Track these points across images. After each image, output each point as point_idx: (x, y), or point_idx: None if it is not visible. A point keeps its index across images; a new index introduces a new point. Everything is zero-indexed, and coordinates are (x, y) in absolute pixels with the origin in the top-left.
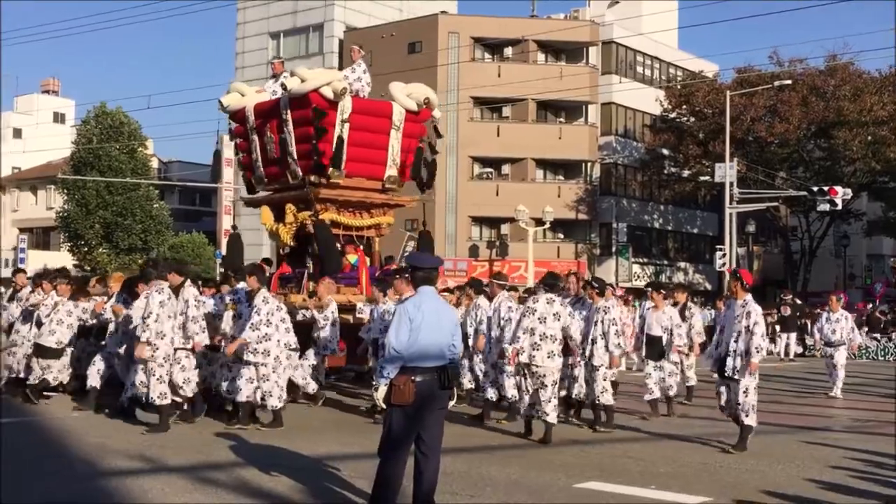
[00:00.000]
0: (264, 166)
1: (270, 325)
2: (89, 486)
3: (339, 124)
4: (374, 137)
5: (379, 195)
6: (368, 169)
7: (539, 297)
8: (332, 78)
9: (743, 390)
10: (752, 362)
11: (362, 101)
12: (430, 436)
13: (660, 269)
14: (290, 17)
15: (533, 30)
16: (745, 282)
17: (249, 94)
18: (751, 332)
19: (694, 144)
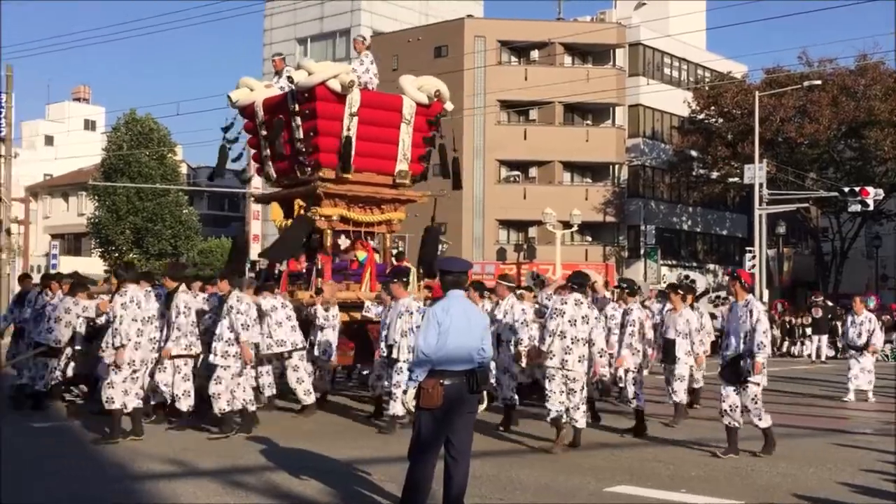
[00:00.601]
0: (273, 162)
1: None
2: (121, 488)
3: (348, 118)
4: (384, 132)
5: (389, 190)
6: (378, 164)
7: (567, 299)
8: (340, 70)
9: (752, 396)
10: (757, 362)
11: (371, 95)
12: (459, 440)
13: (689, 271)
14: (316, 22)
15: (559, 32)
16: (745, 282)
17: (258, 88)
18: (753, 329)
19: (722, 146)
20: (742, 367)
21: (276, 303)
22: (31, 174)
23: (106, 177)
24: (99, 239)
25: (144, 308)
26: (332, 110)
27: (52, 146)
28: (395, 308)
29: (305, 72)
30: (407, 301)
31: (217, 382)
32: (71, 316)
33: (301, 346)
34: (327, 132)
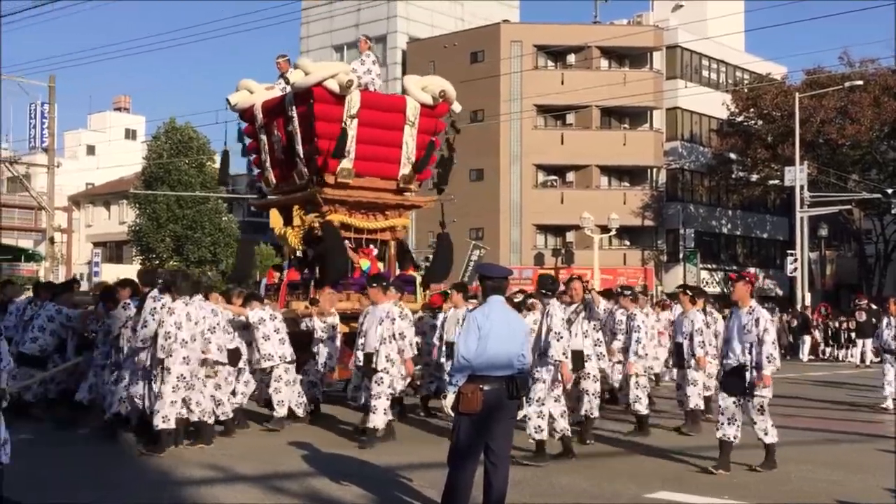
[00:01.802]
0: (272, 167)
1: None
2: (163, 494)
3: (347, 120)
4: (387, 134)
5: (393, 196)
6: (381, 168)
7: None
8: (338, 70)
9: (758, 408)
10: (765, 375)
11: (372, 95)
12: (498, 446)
13: (729, 274)
14: (352, 29)
15: (596, 36)
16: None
17: (258, 91)
18: (761, 340)
19: (762, 148)
20: (746, 378)
21: (263, 314)
22: (74, 183)
23: (146, 185)
24: (140, 246)
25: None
26: (330, 112)
27: (94, 155)
28: (373, 314)
29: (302, 72)
30: (387, 306)
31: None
32: (55, 324)
33: (290, 359)
34: (325, 135)
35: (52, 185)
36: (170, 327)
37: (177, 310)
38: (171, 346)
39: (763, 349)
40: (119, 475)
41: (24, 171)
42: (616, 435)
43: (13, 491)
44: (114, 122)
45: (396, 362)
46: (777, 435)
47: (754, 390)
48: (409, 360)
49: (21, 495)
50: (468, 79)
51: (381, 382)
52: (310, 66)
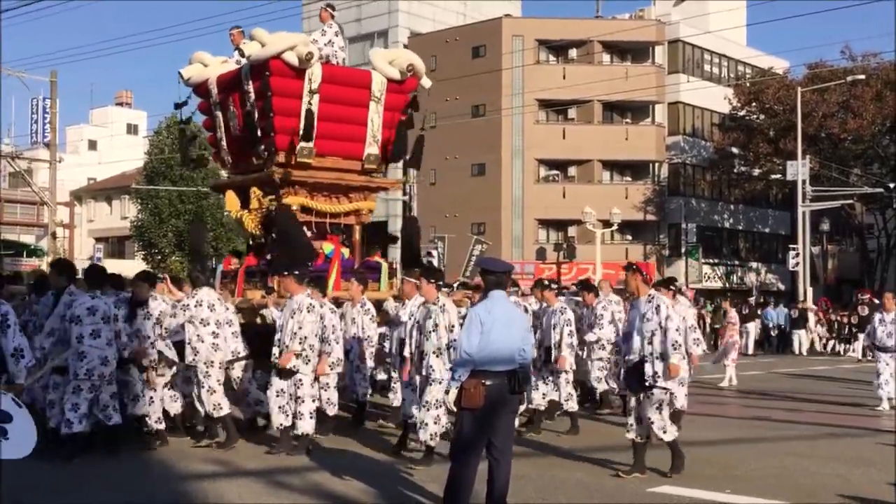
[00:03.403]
0: (228, 146)
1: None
2: (167, 488)
3: (308, 95)
4: (351, 111)
5: (358, 177)
6: (345, 147)
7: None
8: (297, 41)
9: (656, 405)
10: (672, 364)
11: (335, 69)
12: (500, 440)
13: (731, 269)
14: (354, 24)
15: (598, 30)
16: (646, 275)
17: (213, 64)
18: (664, 328)
19: (764, 142)
20: (646, 371)
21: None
22: (76, 178)
23: (148, 180)
24: (142, 242)
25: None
26: (288, 86)
27: (96, 150)
28: (288, 306)
29: (258, 43)
30: (300, 298)
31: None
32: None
33: (242, 354)
34: (284, 111)
35: (53, 181)
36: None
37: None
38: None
39: (668, 337)
40: (120, 470)
41: (25, 166)
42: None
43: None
44: (115, 117)
45: (311, 360)
46: (677, 431)
47: (655, 383)
48: (324, 359)
49: (22, 494)
50: (470, 73)
51: (300, 385)
52: (266, 37)
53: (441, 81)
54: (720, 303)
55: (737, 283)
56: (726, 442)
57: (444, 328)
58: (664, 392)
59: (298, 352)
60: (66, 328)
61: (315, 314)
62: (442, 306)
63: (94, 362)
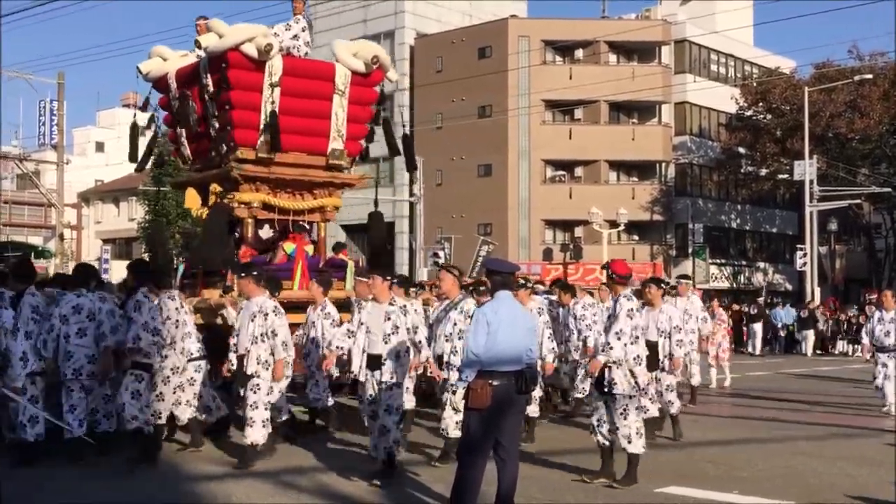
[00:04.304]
0: (188, 142)
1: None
2: (174, 489)
3: (268, 89)
4: (314, 104)
5: (322, 173)
6: (307, 142)
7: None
8: (256, 33)
9: (620, 411)
10: (595, 361)
11: (296, 62)
12: (507, 441)
13: (738, 269)
14: (360, 25)
15: (604, 31)
16: (619, 274)
17: (173, 58)
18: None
19: (771, 142)
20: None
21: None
22: (83, 180)
23: (155, 182)
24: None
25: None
26: (247, 79)
27: (103, 152)
28: (247, 308)
29: (216, 35)
30: (260, 300)
31: None
32: None
33: (196, 355)
34: (243, 105)
35: (61, 182)
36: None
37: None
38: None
39: (606, 335)
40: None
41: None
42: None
43: (18, 490)
44: (122, 118)
45: (271, 365)
46: (644, 447)
47: (612, 389)
48: (280, 363)
49: (28, 495)
50: (476, 74)
51: (256, 390)
52: (224, 29)
53: (447, 82)
54: (726, 303)
55: (744, 284)
56: (733, 442)
57: (406, 330)
58: (628, 397)
59: (286, 358)
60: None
61: (283, 315)
62: (402, 307)
63: (81, 361)
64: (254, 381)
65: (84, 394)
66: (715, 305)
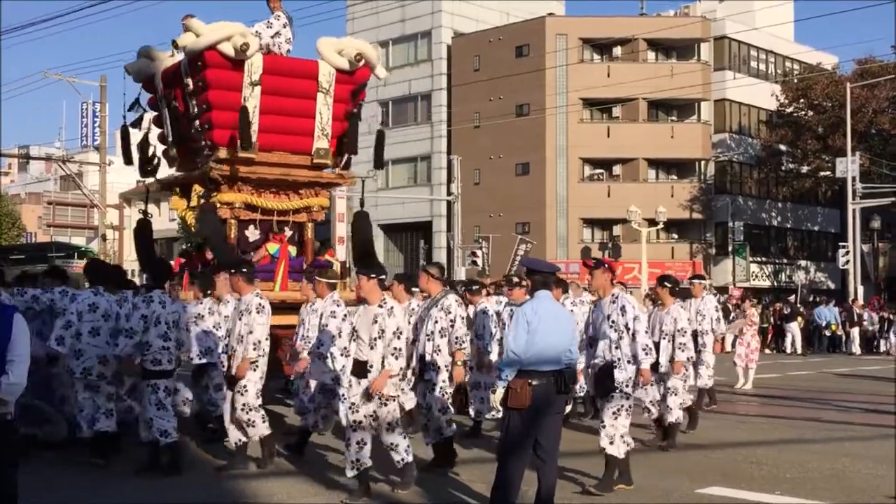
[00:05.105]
0: (175, 143)
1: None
2: (216, 487)
3: (248, 88)
4: (297, 103)
5: (307, 172)
6: (291, 141)
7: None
8: (234, 31)
9: (614, 411)
10: (644, 369)
11: (278, 60)
12: (547, 440)
13: (779, 268)
14: (398, 25)
15: (642, 28)
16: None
17: (161, 58)
18: (633, 331)
19: (812, 139)
20: (616, 377)
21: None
22: (125, 181)
23: None
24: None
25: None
26: (226, 79)
27: None
28: (237, 307)
29: (193, 34)
30: (248, 298)
31: None
32: None
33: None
34: (222, 105)
35: (103, 183)
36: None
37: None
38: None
39: (637, 340)
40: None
41: (76, 169)
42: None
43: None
44: None
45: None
46: (626, 451)
47: (625, 390)
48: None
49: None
50: (513, 73)
51: (244, 392)
52: (201, 28)
53: (484, 81)
54: (767, 302)
55: (785, 282)
56: (776, 443)
57: (392, 334)
58: (626, 398)
59: (254, 358)
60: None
61: (265, 315)
62: (390, 309)
63: (92, 361)
64: (241, 383)
65: (89, 393)
66: (745, 305)
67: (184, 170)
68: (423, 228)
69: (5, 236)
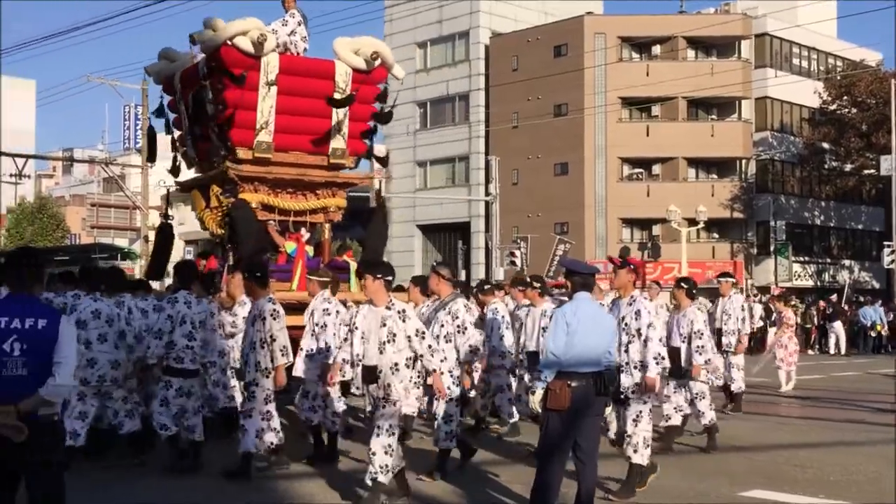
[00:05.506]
0: (194, 143)
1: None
2: (258, 487)
3: (265, 88)
4: (313, 103)
5: (324, 172)
6: (308, 141)
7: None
8: (250, 27)
9: (633, 417)
10: (649, 377)
11: (294, 59)
12: (586, 442)
13: (822, 267)
14: (436, 25)
15: (682, 26)
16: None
17: (180, 59)
18: (646, 337)
19: (856, 137)
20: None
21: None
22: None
23: None
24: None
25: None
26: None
27: None
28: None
29: (210, 30)
30: (260, 303)
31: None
32: None
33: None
34: (237, 104)
35: (146, 185)
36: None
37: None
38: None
39: (649, 346)
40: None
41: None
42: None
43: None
44: None
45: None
46: (648, 458)
47: (629, 396)
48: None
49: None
50: (552, 73)
51: (251, 398)
52: (219, 24)
53: (523, 81)
54: (810, 302)
55: (829, 282)
56: (819, 445)
57: (405, 338)
58: (643, 403)
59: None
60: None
61: (281, 319)
62: (401, 311)
63: (105, 368)
64: (250, 389)
65: (96, 401)
66: (780, 306)
67: (202, 171)
68: (461, 229)
69: (50, 238)
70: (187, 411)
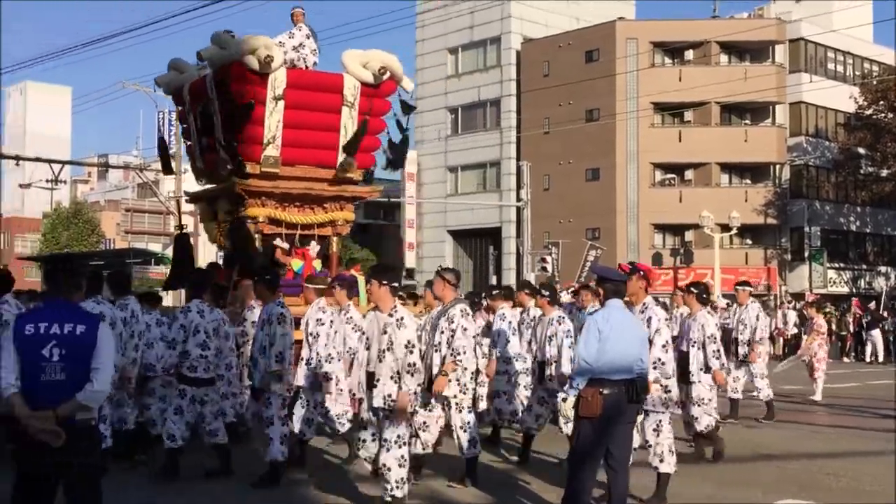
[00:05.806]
0: (202, 155)
1: None
2: (291, 492)
3: (272, 103)
4: (321, 117)
5: (331, 186)
6: (315, 155)
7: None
8: (258, 44)
9: (653, 427)
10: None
11: (302, 73)
12: (618, 450)
13: (858, 274)
14: (467, 31)
15: (715, 31)
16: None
17: (189, 71)
18: (651, 343)
19: (893, 142)
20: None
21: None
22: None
23: None
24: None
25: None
26: (250, 93)
27: None
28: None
29: (217, 47)
30: (269, 307)
31: None
32: None
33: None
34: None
35: (179, 191)
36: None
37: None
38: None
39: (651, 352)
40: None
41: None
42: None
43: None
44: None
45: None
46: (675, 465)
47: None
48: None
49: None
50: (583, 78)
51: (268, 405)
52: (227, 41)
53: (554, 87)
54: (845, 309)
55: (865, 289)
56: (853, 454)
57: (405, 347)
58: (660, 413)
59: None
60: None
61: (286, 324)
62: (399, 320)
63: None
64: (265, 396)
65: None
66: (812, 312)
67: (210, 183)
68: (492, 234)
69: (85, 243)
70: (206, 417)
